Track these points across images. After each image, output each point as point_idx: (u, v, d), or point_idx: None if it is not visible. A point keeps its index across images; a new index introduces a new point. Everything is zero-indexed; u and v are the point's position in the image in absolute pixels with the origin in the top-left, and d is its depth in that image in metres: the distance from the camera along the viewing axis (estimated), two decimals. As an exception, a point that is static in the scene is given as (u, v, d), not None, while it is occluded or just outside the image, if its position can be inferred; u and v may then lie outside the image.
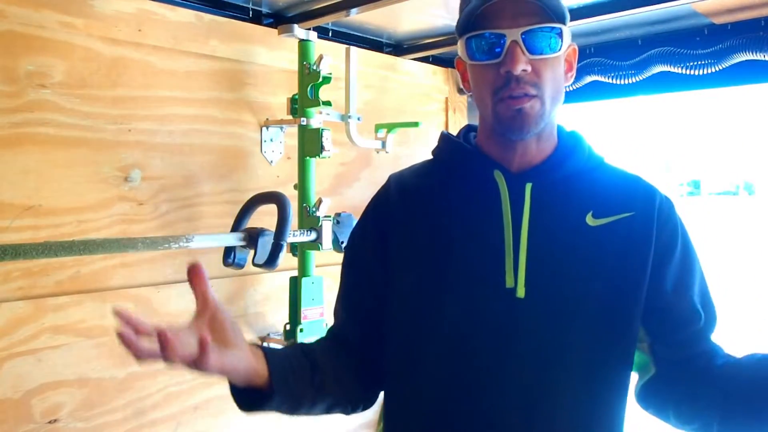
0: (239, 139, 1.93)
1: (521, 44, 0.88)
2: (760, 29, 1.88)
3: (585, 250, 0.92)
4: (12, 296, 1.47)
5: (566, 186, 0.96)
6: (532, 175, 0.96)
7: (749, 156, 59.91)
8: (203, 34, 1.82)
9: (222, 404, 1.89)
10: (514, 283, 0.91)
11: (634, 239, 0.93)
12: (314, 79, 1.89)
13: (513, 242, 0.92)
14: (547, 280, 0.91)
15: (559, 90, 0.95)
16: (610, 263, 0.92)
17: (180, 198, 1.79)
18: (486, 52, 0.91)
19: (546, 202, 0.94)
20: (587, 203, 0.95)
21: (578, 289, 0.91)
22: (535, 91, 0.90)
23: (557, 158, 0.98)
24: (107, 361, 1.63)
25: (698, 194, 43.60)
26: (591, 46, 2.25)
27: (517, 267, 0.91)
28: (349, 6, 1.84)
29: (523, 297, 0.90)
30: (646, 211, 0.95)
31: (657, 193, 0.98)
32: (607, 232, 0.93)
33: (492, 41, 0.90)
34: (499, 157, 0.97)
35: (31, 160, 1.50)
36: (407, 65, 2.43)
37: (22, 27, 1.48)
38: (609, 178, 1.00)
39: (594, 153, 1.01)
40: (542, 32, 0.89)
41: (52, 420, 1.53)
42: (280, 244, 1.66)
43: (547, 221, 0.93)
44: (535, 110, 0.91)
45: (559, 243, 0.93)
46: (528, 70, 0.89)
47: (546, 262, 0.91)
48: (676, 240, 0.96)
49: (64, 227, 1.55)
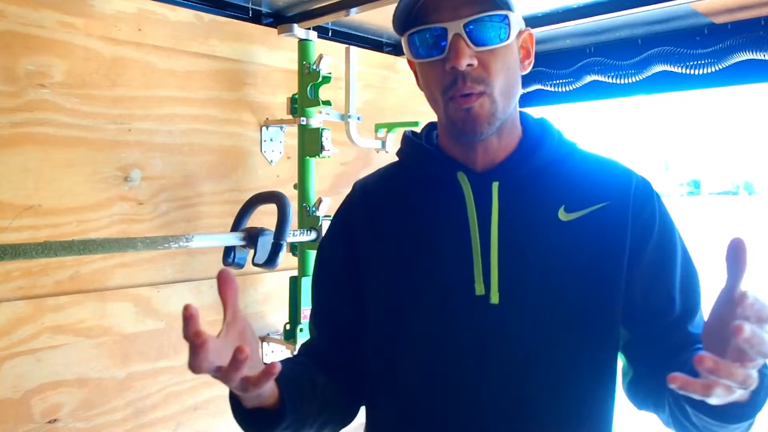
0: (239, 139, 1.93)
1: (465, 36, 0.82)
2: (760, 29, 1.88)
3: (559, 248, 0.86)
4: (12, 296, 1.47)
5: (535, 180, 0.90)
6: (497, 173, 0.90)
7: (749, 156, 60.00)
8: (203, 33, 1.82)
9: (222, 404, 1.89)
10: (485, 290, 0.85)
11: (610, 230, 0.87)
12: (314, 79, 1.89)
13: (482, 247, 0.86)
14: (521, 284, 0.85)
15: (512, 82, 0.88)
16: (586, 259, 0.86)
17: (180, 198, 1.79)
18: (431, 47, 0.85)
19: (515, 200, 0.88)
20: (559, 197, 0.89)
21: (555, 291, 0.85)
22: (482, 88, 0.83)
23: (523, 151, 0.92)
24: (107, 361, 1.63)
25: (698, 194, 43.58)
26: (591, 45, 2.25)
27: (489, 273, 0.85)
28: (349, 6, 1.84)
29: (497, 303, 0.85)
30: (621, 198, 0.88)
31: (632, 176, 0.91)
32: (580, 226, 0.87)
33: (436, 35, 0.84)
34: (462, 157, 0.92)
35: (31, 160, 1.50)
36: (407, 65, 2.43)
37: (21, 27, 1.47)
38: (582, 166, 0.93)
39: (565, 140, 0.95)
40: (488, 21, 0.83)
41: (52, 420, 1.53)
42: (280, 243, 1.66)
43: (517, 221, 0.87)
44: (485, 108, 0.84)
45: (531, 243, 0.87)
46: (474, 64, 0.83)
47: (519, 264, 0.86)
48: (653, 224, 0.89)
49: (64, 227, 1.55)
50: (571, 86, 2.28)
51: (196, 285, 1.82)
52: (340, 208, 1.03)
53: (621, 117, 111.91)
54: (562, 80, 2.30)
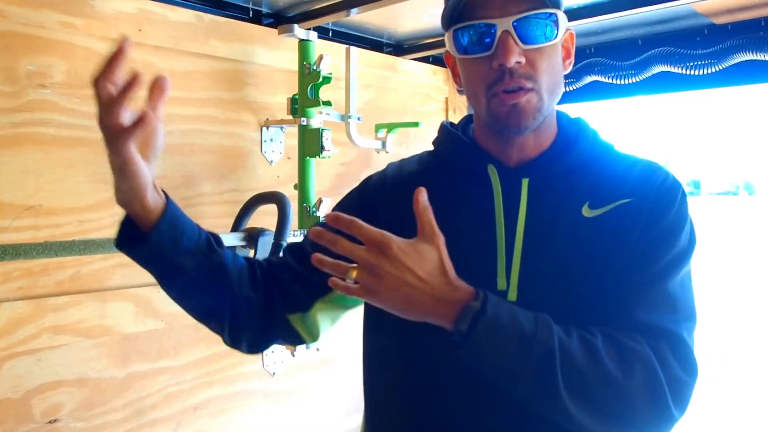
0: (239, 139, 1.93)
1: (513, 34, 0.82)
2: (760, 29, 1.88)
3: (580, 245, 0.85)
4: (12, 296, 1.47)
5: (566, 178, 0.89)
6: (529, 170, 0.89)
7: (749, 156, 60.00)
8: (203, 34, 1.82)
9: (222, 404, 1.89)
10: (506, 286, 0.84)
11: (628, 227, 0.84)
12: (314, 79, 1.89)
13: (506, 242, 0.86)
14: (540, 282, 0.84)
15: (557, 81, 0.88)
16: (605, 256, 0.84)
17: (180, 198, 1.78)
18: (476, 44, 0.84)
19: (544, 197, 0.87)
20: (585, 194, 0.87)
21: (573, 289, 0.83)
22: (531, 84, 0.83)
23: (557, 150, 0.91)
24: (107, 361, 1.63)
25: (698, 194, 43.61)
26: (591, 46, 2.25)
27: (510, 269, 0.85)
28: (349, 6, 1.84)
29: (515, 300, 0.83)
30: (644, 194, 0.86)
31: (661, 173, 0.88)
32: (602, 222, 0.85)
33: (481, 32, 0.83)
34: (497, 152, 0.91)
35: (31, 160, 1.50)
36: (407, 65, 2.43)
37: (22, 27, 1.47)
38: (613, 165, 0.91)
39: (600, 140, 0.94)
40: (536, 19, 0.82)
41: (52, 420, 1.53)
42: (280, 244, 1.66)
43: (543, 218, 0.86)
44: (532, 104, 0.84)
45: (554, 240, 0.85)
46: (522, 62, 0.82)
47: (540, 262, 0.85)
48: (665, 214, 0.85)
49: (64, 227, 1.55)
50: (571, 87, 2.28)
51: (196, 285, 1.81)
52: (368, 178, 1.01)
53: (621, 117, 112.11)
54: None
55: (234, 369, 1.92)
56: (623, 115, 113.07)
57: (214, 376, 1.87)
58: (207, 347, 1.84)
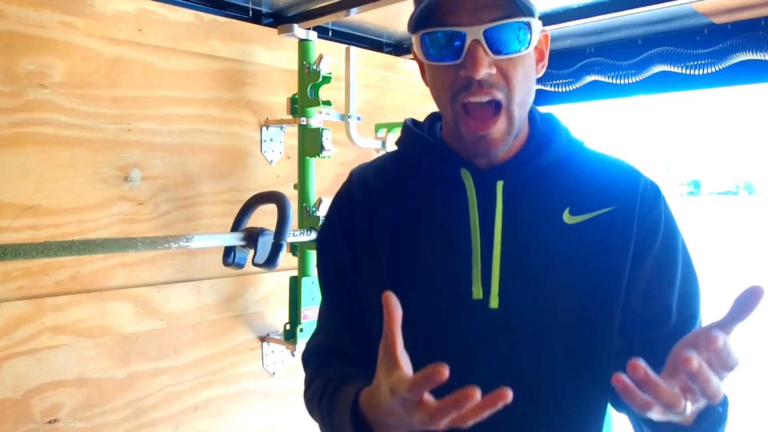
0: (239, 139, 1.93)
1: (483, 43, 0.76)
2: (760, 29, 1.88)
3: (562, 252, 0.83)
4: (12, 296, 1.47)
5: (541, 180, 0.86)
6: (503, 172, 0.85)
7: (749, 156, 60.00)
8: (203, 34, 1.82)
9: (222, 404, 1.89)
10: (483, 294, 0.82)
11: (614, 236, 0.83)
12: (314, 79, 1.89)
13: (482, 249, 0.82)
14: (522, 289, 0.82)
15: (529, 90, 0.83)
16: (589, 264, 0.83)
17: (180, 198, 1.79)
18: (443, 51, 0.79)
19: (520, 201, 0.85)
20: (564, 198, 0.85)
21: (557, 296, 0.82)
22: (501, 96, 0.78)
23: (531, 149, 0.87)
24: (107, 361, 1.63)
25: (698, 194, 43.56)
26: (591, 46, 2.25)
27: (489, 276, 0.82)
28: (349, 6, 1.84)
29: (497, 308, 0.81)
30: (628, 203, 0.84)
31: (641, 180, 0.87)
32: (585, 229, 0.83)
33: (450, 39, 0.78)
34: (466, 153, 0.86)
35: (31, 160, 1.50)
36: (407, 65, 2.43)
37: (21, 27, 1.48)
38: (588, 166, 0.89)
39: (572, 137, 0.90)
40: (509, 27, 0.77)
41: (52, 420, 1.53)
42: (280, 243, 1.66)
43: (521, 222, 0.84)
44: (501, 131, 0.80)
45: (534, 245, 0.83)
46: (492, 73, 0.77)
47: (521, 269, 0.82)
48: (657, 231, 0.85)
49: (64, 227, 1.55)
50: (571, 86, 2.28)
51: (196, 285, 1.82)
52: (336, 197, 0.98)
53: (621, 117, 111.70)
54: (562, 80, 2.30)
55: (234, 369, 1.92)
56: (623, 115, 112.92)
57: (214, 376, 1.87)
58: (207, 347, 1.85)
